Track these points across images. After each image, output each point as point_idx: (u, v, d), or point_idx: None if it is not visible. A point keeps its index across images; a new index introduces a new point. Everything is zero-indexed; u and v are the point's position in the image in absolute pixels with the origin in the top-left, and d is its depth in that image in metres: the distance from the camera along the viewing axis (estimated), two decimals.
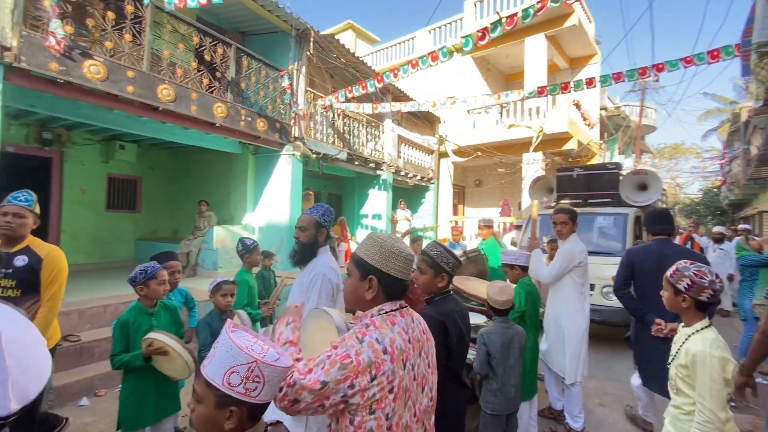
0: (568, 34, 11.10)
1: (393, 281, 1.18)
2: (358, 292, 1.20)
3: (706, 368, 1.55)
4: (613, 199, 5.99)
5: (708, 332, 1.64)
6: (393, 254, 1.18)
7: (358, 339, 1.09)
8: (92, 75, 4.07)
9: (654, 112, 21.24)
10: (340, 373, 1.03)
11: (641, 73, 5.08)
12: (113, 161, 7.29)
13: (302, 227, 2.20)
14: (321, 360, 1.07)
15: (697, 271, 1.66)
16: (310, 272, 2.15)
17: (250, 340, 0.94)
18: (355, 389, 1.04)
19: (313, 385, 1.02)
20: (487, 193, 13.59)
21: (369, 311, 1.19)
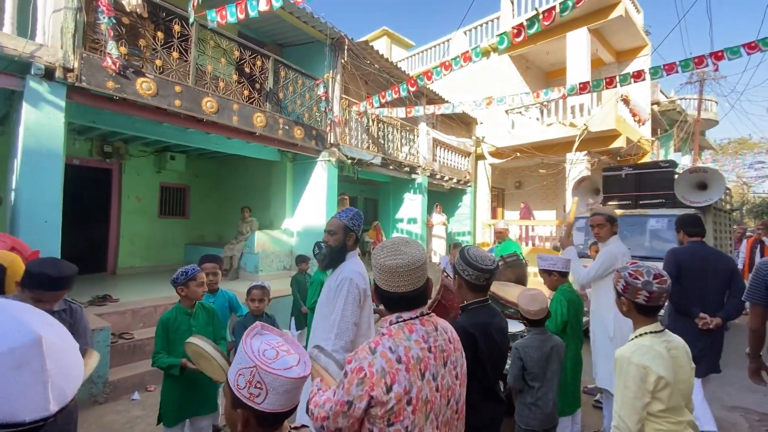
0: (614, 26, 10.48)
1: (397, 296, 1.14)
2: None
3: (622, 374, 1.49)
4: (667, 200, 5.54)
5: (644, 339, 1.53)
6: (385, 271, 1.14)
7: (370, 350, 1.07)
8: (144, 91, 4.39)
9: (714, 105, 19.51)
10: (359, 389, 1.02)
11: (697, 62, 4.66)
12: (165, 171, 7.81)
13: (331, 231, 2.19)
14: (339, 381, 1.08)
15: (633, 272, 1.57)
16: (338, 277, 2.13)
17: (267, 344, 0.94)
18: (375, 401, 1.02)
19: (341, 407, 1.04)
20: (528, 196, 13.10)
21: (387, 318, 1.18)
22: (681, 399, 1.49)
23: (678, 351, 1.54)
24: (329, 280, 2.24)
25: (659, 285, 1.52)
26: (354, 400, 1.02)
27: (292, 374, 0.90)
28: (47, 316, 0.68)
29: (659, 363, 1.45)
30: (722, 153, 25.60)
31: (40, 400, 0.57)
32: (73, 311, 2.01)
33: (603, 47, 11.34)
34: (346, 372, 1.06)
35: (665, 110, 15.64)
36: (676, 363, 1.49)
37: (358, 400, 1.02)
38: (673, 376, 1.45)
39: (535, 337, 2.23)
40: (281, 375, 0.88)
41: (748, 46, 4.39)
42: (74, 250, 5.33)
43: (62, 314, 1.96)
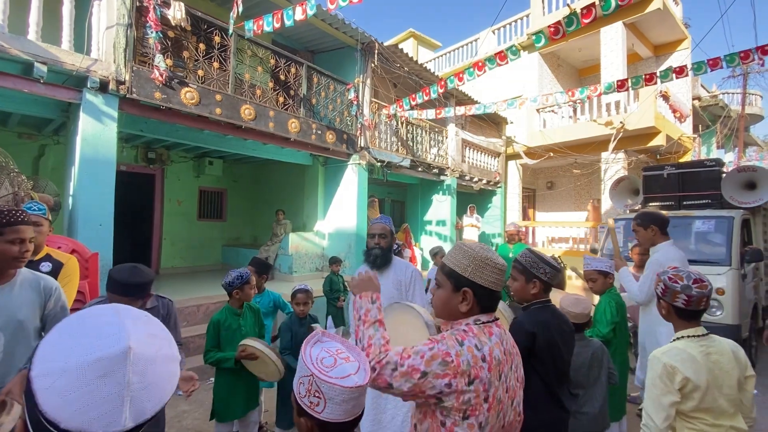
0: (652, 19, 10.08)
1: (488, 293, 1.15)
2: (451, 304, 1.17)
3: (651, 371, 1.54)
4: (713, 201, 5.27)
5: (679, 342, 1.56)
6: (487, 265, 1.14)
7: (458, 341, 1.07)
8: (188, 101, 4.62)
9: (759, 99, 18.32)
10: (441, 368, 1.02)
11: (743, 57, 4.44)
12: (203, 176, 8.15)
13: (383, 234, 2.51)
14: (421, 350, 1.05)
15: (673, 275, 1.60)
16: (406, 271, 2.52)
17: (326, 352, 0.94)
18: (452, 389, 1.02)
19: (413, 373, 1.02)
20: (561, 196, 12.77)
21: (464, 320, 1.16)
22: (724, 402, 1.48)
23: (721, 356, 1.53)
24: (388, 276, 2.51)
25: (699, 290, 1.52)
26: (429, 374, 1.01)
27: (349, 383, 0.88)
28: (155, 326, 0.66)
29: (689, 366, 1.47)
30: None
31: (116, 414, 0.55)
32: (164, 305, 2.11)
33: (639, 41, 10.91)
34: (430, 347, 1.05)
35: (707, 105, 14.84)
36: (716, 367, 1.49)
37: (433, 377, 1.01)
38: (706, 379, 1.46)
39: (578, 345, 2.20)
40: (337, 384, 0.87)
41: None
42: (122, 252, 5.68)
43: (153, 311, 2.03)
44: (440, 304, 1.20)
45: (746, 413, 1.53)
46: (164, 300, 2.13)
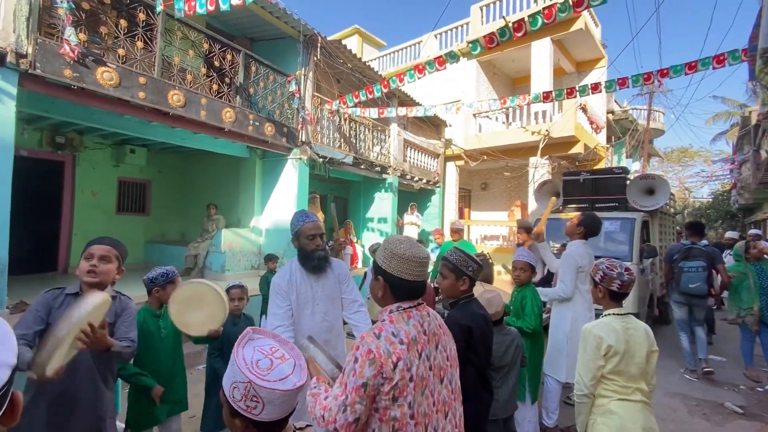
0: (575, 38, 11.09)
1: (399, 281, 1.24)
2: (374, 291, 1.31)
3: (583, 341, 1.88)
4: (620, 204, 5.96)
5: (608, 318, 1.90)
6: (395, 256, 1.24)
7: (375, 335, 1.16)
8: (105, 81, 4.17)
9: (662, 116, 21.06)
10: (371, 368, 1.09)
11: (646, 78, 5.07)
12: (123, 165, 7.42)
13: (323, 233, 2.28)
14: (349, 369, 1.12)
15: (609, 265, 1.94)
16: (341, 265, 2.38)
17: (260, 352, 0.91)
18: (385, 377, 1.10)
19: (358, 392, 1.08)
20: (493, 197, 13.57)
21: (388, 307, 1.27)
22: (634, 369, 1.83)
23: (636, 331, 1.86)
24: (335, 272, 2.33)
25: (628, 276, 1.90)
26: (368, 381, 1.08)
27: (288, 386, 0.87)
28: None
29: (612, 336, 1.81)
30: (667, 160, 27.65)
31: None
32: (120, 302, 1.93)
33: (564, 57, 11.94)
34: (355, 358, 1.12)
35: (619, 119, 16.71)
36: (632, 339, 1.83)
37: (372, 379, 1.08)
38: (623, 348, 1.81)
39: (498, 334, 2.37)
40: (278, 389, 0.85)
41: (688, 66, 4.82)
42: (22, 249, 4.98)
43: (113, 302, 1.87)
44: (372, 292, 1.33)
45: (648, 380, 1.87)
46: (122, 296, 1.96)
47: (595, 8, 7.47)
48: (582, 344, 1.88)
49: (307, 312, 2.19)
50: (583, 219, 3.23)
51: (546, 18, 3.71)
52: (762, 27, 3.46)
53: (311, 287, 2.22)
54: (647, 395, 1.85)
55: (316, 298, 2.21)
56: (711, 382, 4.36)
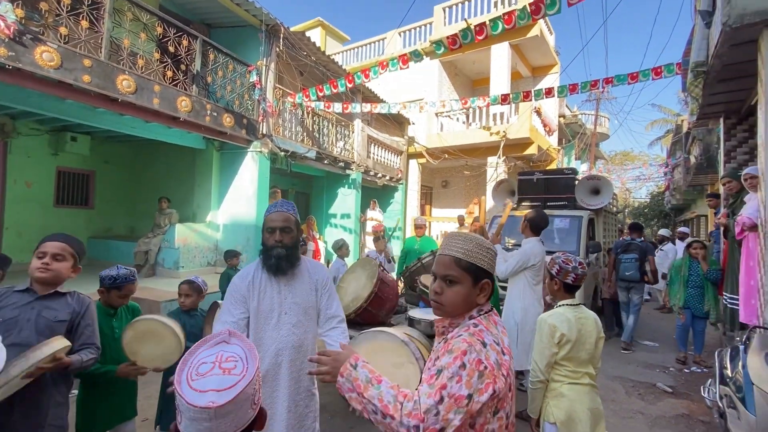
0: (531, 44, 11.62)
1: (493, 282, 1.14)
2: (470, 300, 1.10)
3: (539, 331, 2.01)
4: (569, 203, 6.35)
5: (562, 308, 2.03)
6: (492, 254, 1.13)
7: (482, 343, 1.00)
8: (45, 62, 3.83)
9: (607, 121, 22.66)
10: (480, 382, 0.94)
11: (593, 85, 5.47)
12: (63, 154, 6.84)
13: (286, 228, 1.83)
14: (451, 373, 0.94)
15: (565, 260, 2.07)
16: (320, 269, 2.00)
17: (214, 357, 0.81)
18: (495, 394, 0.97)
19: (458, 402, 0.92)
20: (454, 194, 13.95)
21: (468, 313, 1.11)
22: (584, 354, 1.96)
23: (587, 320, 2.02)
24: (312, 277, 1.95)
25: (582, 270, 2.05)
26: (474, 394, 0.93)
27: (197, 400, 0.71)
28: None
29: (565, 325, 1.94)
30: (611, 163, 29.77)
31: None
32: (79, 301, 1.80)
33: (521, 62, 12.49)
34: (462, 364, 0.95)
35: (569, 123, 17.76)
36: (583, 328, 1.97)
37: (478, 394, 0.93)
38: (575, 336, 1.93)
39: None
40: (184, 397, 0.72)
41: (630, 76, 5.24)
42: None
43: (68, 298, 1.76)
44: (459, 300, 1.10)
45: (595, 364, 2.04)
46: (81, 296, 1.82)
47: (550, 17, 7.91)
48: (538, 333, 2.00)
49: (270, 323, 1.82)
50: (528, 216, 3.47)
51: (506, 23, 3.88)
52: (694, 43, 3.83)
53: (279, 292, 1.85)
54: (594, 378, 2.01)
55: (284, 306, 1.84)
56: (645, 365, 4.80)
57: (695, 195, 14.22)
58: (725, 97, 4.53)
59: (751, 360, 2.28)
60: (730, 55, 3.35)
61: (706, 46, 3.62)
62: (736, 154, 5.11)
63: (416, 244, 5.72)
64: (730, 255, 3.93)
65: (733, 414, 2.36)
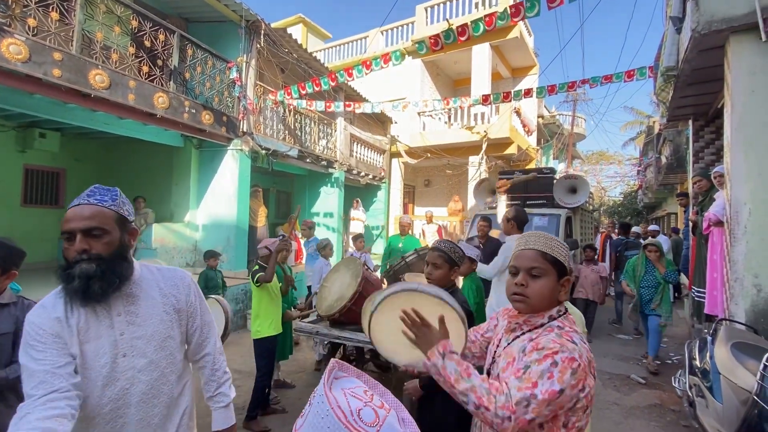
0: (511, 45, 11.83)
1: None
2: (553, 295, 1.13)
3: None
4: (547, 201, 6.51)
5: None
6: (569, 254, 1.17)
7: (572, 342, 1.03)
8: (12, 55, 3.65)
9: (584, 122, 23.29)
10: (574, 377, 0.97)
11: (570, 86, 5.63)
12: (31, 151, 6.55)
13: (98, 229, 1.15)
14: (544, 369, 0.98)
15: None
16: (181, 282, 1.35)
17: (356, 398, 0.66)
18: (585, 392, 1.01)
19: (551, 396, 0.96)
20: (436, 193, 14.07)
21: (547, 312, 1.13)
22: None
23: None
24: (167, 297, 1.31)
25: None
26: (566, 389, 0.97)
27: None
28: None
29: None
30: (588, 162, 30.65)
31: None
32: (24, 308, 1.71)
33: (502, 63, 12.69)
34: (554, 362, 0.98)
35: (547, 123, 18.17)
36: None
37: (570, 389, 0.97)
38: None
39: None
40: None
41: (605, 77, 5.41)
42: None
43: (11, 308, 1.68)
44: (545, 293, 1.12)
45: None
46: (27, 303, 1.75)
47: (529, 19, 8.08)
48: None
49: (102, 374, 1.15)
50: (511, 215, 3.54)
51: (487, 25, 3.94)
52: (665, 48, 3.98)
53: (111, 327, 1.18)
54: None
55: (121, 345, 1.18)
56: (620, 357, 4.98)
57: (666, 194, 14.81)
58: (694, 100, 4.73)
59: (717, 351, 2.39)
60: (698, 60, 3.50)
61: (677, 51, 3.78)
62: (704, 154, 5.35)
63: (400, 243, 5.75)
64: (698, 251, 4.12)
65: (701, 402, 2.48)
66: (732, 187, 3.00)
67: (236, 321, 6.05)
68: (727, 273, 3.07)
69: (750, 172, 2.89)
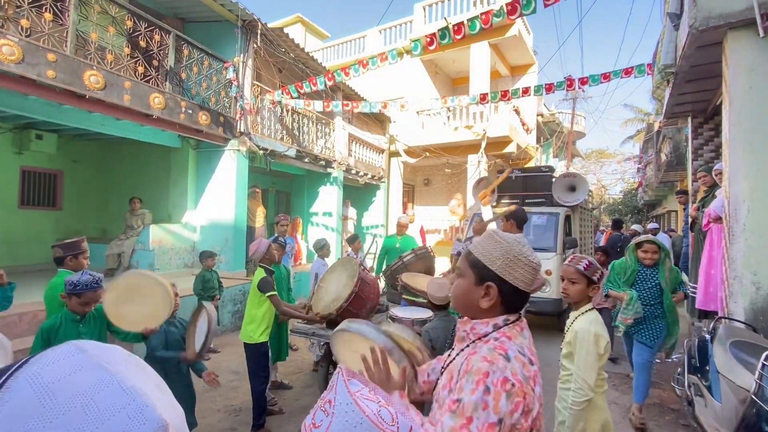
0: (509, 44, 11.79)
1: (515, 292, 1.01)
2: (471, 298, 1.03)
3: (584, 342, 1.83)
4: (546, 200, 6.49)
5: (594, 313, 1.93)
6: (520, 261, 1.01)
7: (504, 357, 0.92)
8: (5, 56, 3.63)
9: (584, 120, 23.23)
10: (510, 402, 0.86)
11: (568, 85, 5.60)
12: (28, 152, 6.53)
13: None
14: (477, 400, 0.87)
15: (590, 260, 1.98)
16: None
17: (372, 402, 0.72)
18: (526, 410, 0.89)
19: (489, 430, 0.84)
20: (435, 192, 14.04)
21: (492, 320, 1.01)
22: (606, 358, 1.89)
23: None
24: None
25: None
26: (504, 417, 0.85)
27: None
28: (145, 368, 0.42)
29: (605, 331, 1.85)
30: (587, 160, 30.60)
31: None
32: None
33: (500, 61, 12.65)
34: (485, 387, 0.87)
35: (547, 121, 18.12)
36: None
37: (509, 416, 0.86)
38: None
39: (441, 320, 2.50)
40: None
41: (603, 75, 5.38)
42: None
43: None
44: (460, 294, 1.07)
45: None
46: None
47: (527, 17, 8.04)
48: (582, 346, 1.83)
49: None
50: (512, 213, 3.49)
51: (483, 23, 3.91)
52: (663, 45, 3.96)
53: None
54: None
55: None
56: (618, 356, 4.95)
57: (666, 191, 14.78)
58: (692, 97, 4.71)
59: (716, 350, 2.37)
60: (696, 57, 3.47)
61: (674, 49, 3.75)
62: (703, 151, 5.32)
63: (397, 243, 5.72)
64: (696, 247, 4.09)
65: (700, 402, 2.46)
66: (731, 184, 2.97)
67: (234, 322, 6.03)
68: (726, 270, 3.05)
69: (748, 169, 2.87)
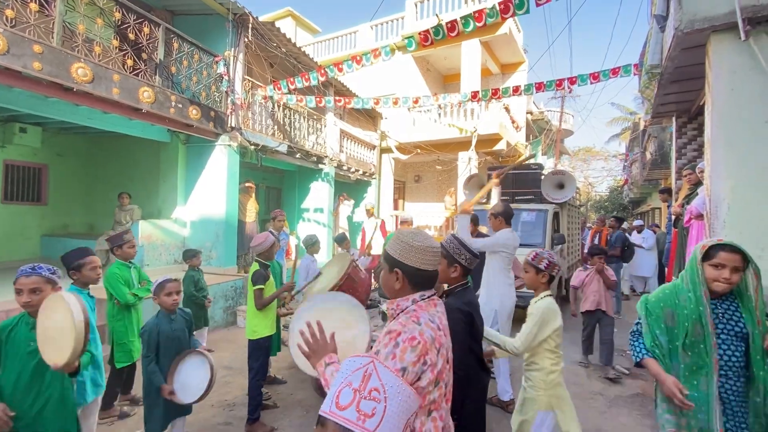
0: (500, 42, 11.88)
1: (417, 272, 1.25)
2: (389, 283, 1.30)
3: (531, 317, 2.16)
4: (535, 197, 6.59)
5: (549, 300, 2.20)
6: (412, 248, 1.25)
7: (415, 321, 1.15)
8: None
9: (572, 118, 23.52)
10: (413, 355, 1.08)
11: (557, 84, 5.68)
12: (11, 146, 6.38)
13: None
14: (388, 351, 1.09)
15: (550, 254, 2.24)
16: None
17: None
18: (428, 365, 1.10)
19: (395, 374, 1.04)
20: (426, 189, 14.12)
21: (409, 297, 1.26)
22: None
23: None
24: None
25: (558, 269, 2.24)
26: (407, 366, 1.07)
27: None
28: None
29: (558, 315, 2.15)
30: (575, 158, 31.03)
31: None
32: None
33: (491, 59, 12.74)
34: (395, 343, 1.10)
35: (536, 119, 18.32)
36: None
37: (412, 366, 1.07)
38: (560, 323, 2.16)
39: None
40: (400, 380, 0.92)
41: (592, 75, 5.48)
42: None
43: None
44: (383, 281, 1.33)
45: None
46: None
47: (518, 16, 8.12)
48: (537, 318, 2.13)
49: None
50: (498, 210, 3.56)
51: (477, 21, 3.95)
52: (649, 46, 4.05)
53: None
54: None
55: None
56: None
57: (651, 189, 15.11)
58: (677, 97, 4.83)
59: None
60: (681, 58, 3.57)
61: (660, 50, 3.84)
62: (687, 150, 5.47)
63: None
64: (679, 243, 4.22)
65: None
66: (712, 182, 3.08)
67: (225, 317, 6.02)
68: None
69: (729, 168, 2.97)
